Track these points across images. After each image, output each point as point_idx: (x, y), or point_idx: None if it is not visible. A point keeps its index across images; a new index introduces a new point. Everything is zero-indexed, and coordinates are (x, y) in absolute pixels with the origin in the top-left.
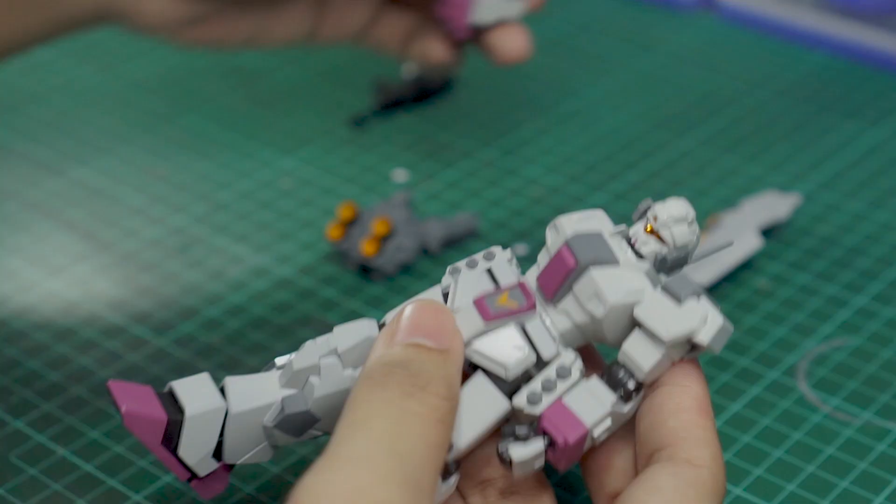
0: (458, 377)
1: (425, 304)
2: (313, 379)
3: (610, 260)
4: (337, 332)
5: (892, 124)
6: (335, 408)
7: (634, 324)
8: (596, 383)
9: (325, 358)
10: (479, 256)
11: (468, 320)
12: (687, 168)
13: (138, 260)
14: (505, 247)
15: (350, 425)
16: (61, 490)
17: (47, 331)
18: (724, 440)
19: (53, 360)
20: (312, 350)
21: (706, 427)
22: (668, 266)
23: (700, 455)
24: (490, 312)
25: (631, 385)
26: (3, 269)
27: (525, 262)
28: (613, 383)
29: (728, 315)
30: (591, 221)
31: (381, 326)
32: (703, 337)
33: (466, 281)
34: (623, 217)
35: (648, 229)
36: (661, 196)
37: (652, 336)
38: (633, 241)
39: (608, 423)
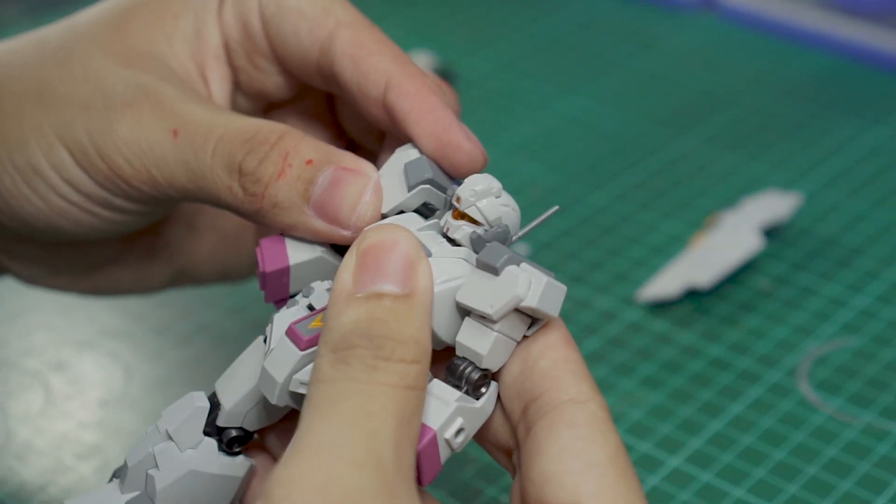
0: (428, 321)
1: (378, 236)
2: (151, 471)
3: None
4: (165, 414)
5: (894, 123)
6: (190, 498)
7: (464, 313)
8: (437, 385)
9: (158, 445)
10: (298, 296)
11: (283, 356)
12: (687, 167)
13: None
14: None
15: (316, 409)
16: None
17: (48, 331)
18: (726, 441)
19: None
20: (145, 441)
21: (577, 359)
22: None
23: (580, 389)
24: (303, 339)
25: (475, 375)
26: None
27: None
28: (457, 379)
29: (729, 316)
30: (398, 223)
31: (210, 398)
32: (530, 301)
33: (282, 318)
34: (623, 216)
35: (456, 214)
36: (661, 195)
37: (480, 318)
38: (445, 230)
39: (459, 421)
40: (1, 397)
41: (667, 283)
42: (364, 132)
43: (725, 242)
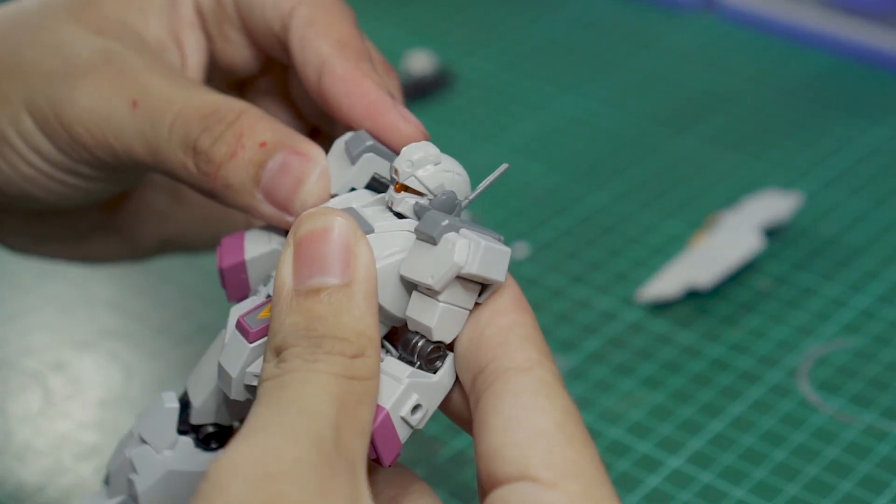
0: (371, 305)
1: (311, 224)
2: (132, 476)
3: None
4: (138, 418)
5: (894, 123)
6: (173, 497)
7: (411, 286)
8: (390, 362)
9: (133, 449)
10: (260, 286)
11: (234, 350)
12: (687, 167)
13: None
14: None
15: (259, 401)
16: None
17: (47, 331)
18: (726, 442)
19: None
20: (122, 446)
21: (525, 323)
22: None
23: (525, 356)
24: (251, 331)
25: (427, 348)
26: (1, 272)
27: (526, 263)
28: (409, 354)
29: (730, 316)
30: (345, 202)
31: (181, 398)
32: (469, 267)
33: (237, 311)
34: (623, 216)
35: (398, 187)
36: (661, 195)
37: (426, 290)
38: (389, 204)
39: (414, 398)
40: (0, 397)
41: (667, 283)
42: (317, 114)
43: (725, 242)
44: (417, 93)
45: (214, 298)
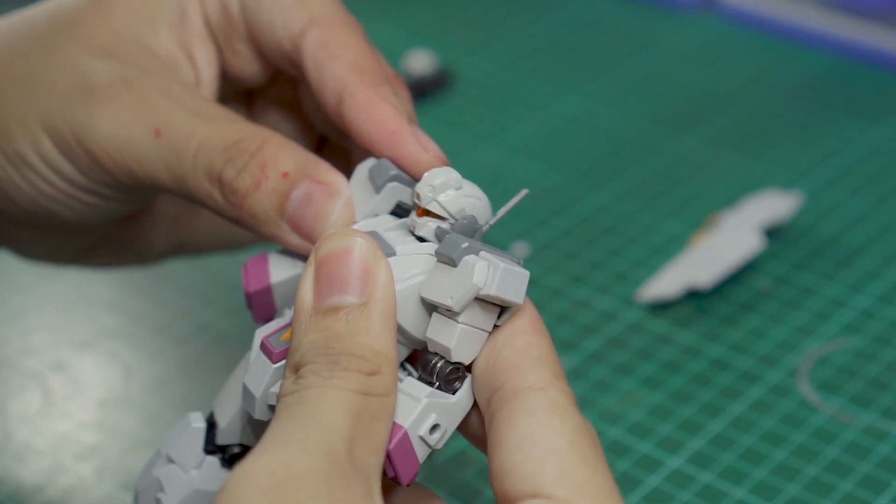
0: (389, 324)
1: (332, 244)
2: (159, 495)
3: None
4: (166, 438)
5: (894, 123)
6: None
7: (431, 308)
8: (409, 382)
9: (161, 469)
10: (285, 309)
11: (259, 370)
12: (687, 167)
13: None
14: (504, 248)
15: (276, 417)
16: None
17: (47, 331)
18: (726, 442)
19: (52, 361)
20: (150, 466)
21: (540, 345)
22: None
23: (539, 376)
24: (274, 352)
25: (446, 369)
26: (1, 272)
27: (526, 263)
28: (429, 374)
29: (730, 316)
30: (368, 226)
31: (208, 419)
32: (488, 289)
33: (262, 332)
34: (623, 216)
35: (420, 212)
36: (661, 195)
37: (446, 311)
38: (412, 228)
39: (433, 418)
40: (0, 397)
41: (667, 283)
42: (326, 125)
43: (725, 242)
44: (417, 93)
45: (214, 298)
